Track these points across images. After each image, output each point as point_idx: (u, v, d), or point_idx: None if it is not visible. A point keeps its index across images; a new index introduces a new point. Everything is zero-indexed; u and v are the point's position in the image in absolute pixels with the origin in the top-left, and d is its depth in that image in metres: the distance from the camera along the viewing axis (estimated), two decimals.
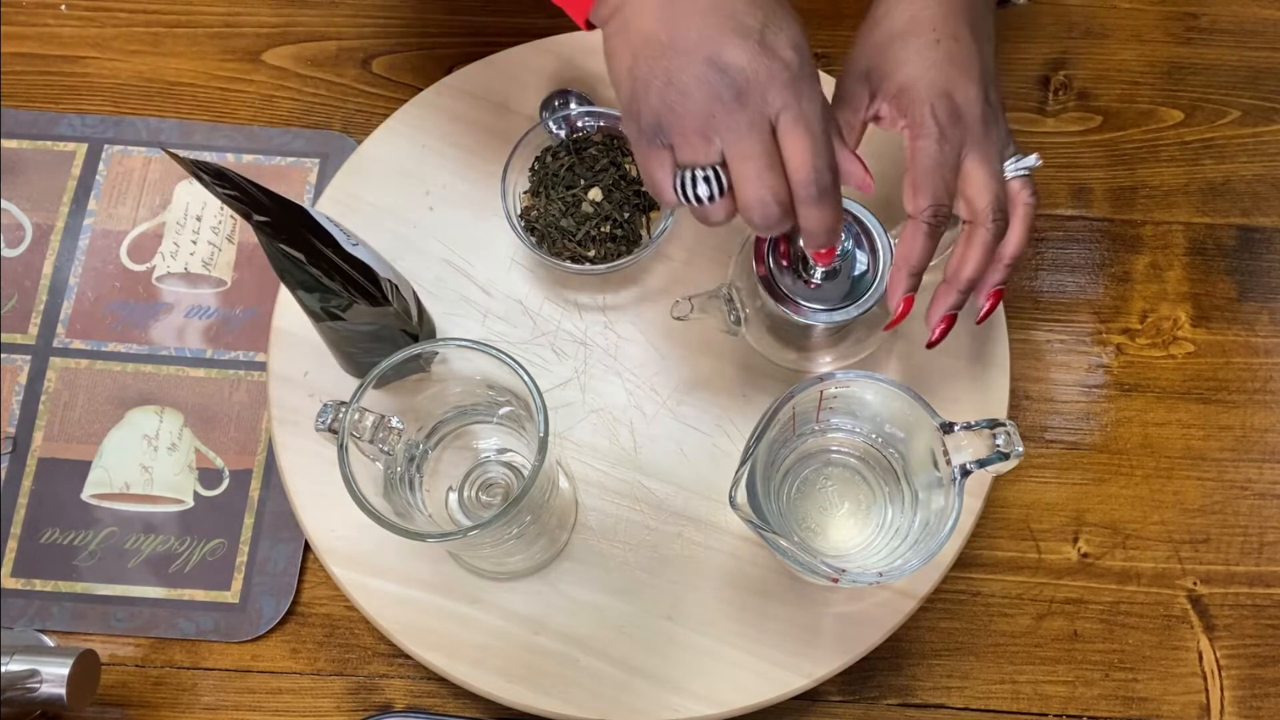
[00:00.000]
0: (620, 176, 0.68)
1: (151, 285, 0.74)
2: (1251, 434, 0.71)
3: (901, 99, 0.57)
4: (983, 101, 0.57)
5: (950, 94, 0.56)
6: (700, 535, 0.65)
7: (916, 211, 0.56)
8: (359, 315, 0.58)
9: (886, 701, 0.66)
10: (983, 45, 0.58)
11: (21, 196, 0.76)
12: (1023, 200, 0.58)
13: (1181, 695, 0.67)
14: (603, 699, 0.62)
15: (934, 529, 0.54)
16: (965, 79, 0.57)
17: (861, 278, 0.60)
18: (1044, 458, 0.71)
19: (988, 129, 0.57)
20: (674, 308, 0.61)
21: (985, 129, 0.57)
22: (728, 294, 0.61)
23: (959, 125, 0.56)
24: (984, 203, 0.57)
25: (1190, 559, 0.69)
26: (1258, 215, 0.76)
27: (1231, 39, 0.81)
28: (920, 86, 0.56)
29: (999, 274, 0.59)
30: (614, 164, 0.68)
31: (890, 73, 0.57)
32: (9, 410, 0.71)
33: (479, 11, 0.81)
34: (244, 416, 0.71)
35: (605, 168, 0.68)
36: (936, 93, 0.56)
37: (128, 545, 0.68)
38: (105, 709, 0.66)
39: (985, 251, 0.57)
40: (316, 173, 0.76)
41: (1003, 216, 0.57)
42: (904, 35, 0.57)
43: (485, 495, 0.63)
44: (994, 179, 0.57)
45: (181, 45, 0.80)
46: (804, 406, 0.58)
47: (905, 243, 0.57)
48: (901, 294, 0.57)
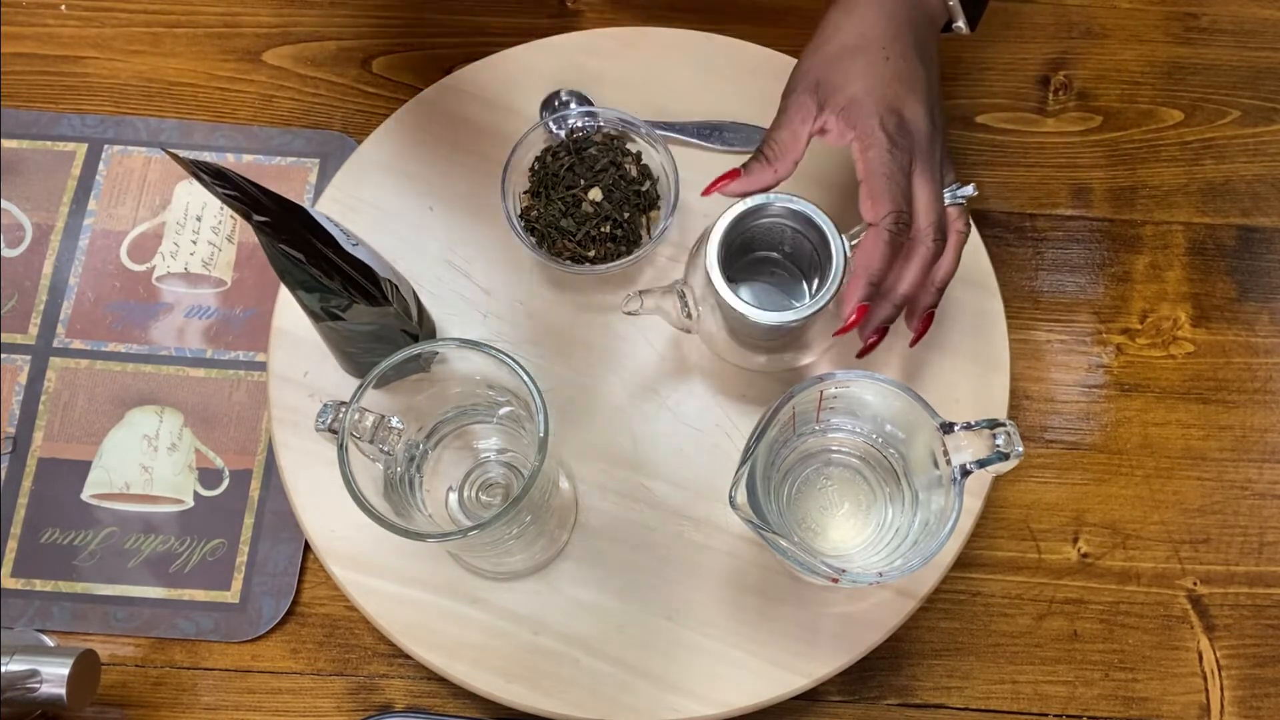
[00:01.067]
0: (620, 176, 0.68)
1: (151, 285, 0.74)
2: (1251, 434, 0.71)
3: (851, 111, 0.57)
4: (928, 120, 0.58)
5: (899, 109, 0.57)
6: (700, 535, 0.65)
7: (877, 219, 0.57)
8: (359, 315, 0.58)
9: (886, 701, 0.66)
10: (929, 68, 0.60)
11: (21, 196, 0.76)
12: (957, 228, 0.60)
13: (1181, 695, 0.67)
14: (603, 699, 0.62)
15: (934, 529, 0.54)
16: (912, 97, 0.58)
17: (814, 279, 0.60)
18: (1044, 458, 0.71)
19: (932, 147, 0.59)
20: (625, 302, 0.61)
21: (930, 147, 0.58)
22: (680, 291, 0.61)
23: (907, 139, 0.57)
24: (927, 221, 0.58)
25: (1190, 559, 0.69)
26: (1258, 215, 0.76)
27: (1231, 39, 0.81)
28: (870, 100, 0.57)
29: (930, 297, 0.60)
30: (614, 164, 0.68)
31: (840, 86, 0.58)
32: (9, 410, 0.71)
33: (479, 11, 0.81)
34: (244, 416, 0.71)
35: (605, 168, 0.68)
36: (885, 107, 0.57)
37: (128, 545, 0.68)
38: (105, 709, 0.66)
39: (923, 269, 0.58)
40: (316, 173, 0.76)
41: (943, 237, 0.58)
42: (854, 51, 0.58)
43: (485, 495, 0.63)
44: (937, 199, 0.58)
45: (181, 45, 0.80)
46: (804, 406, 0.58)
47: (865, 251, 0.57)
48: (857, 302, 0.58)
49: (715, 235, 0.59)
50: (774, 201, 0.59)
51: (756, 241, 0.65)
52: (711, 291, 0.59)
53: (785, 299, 0.67)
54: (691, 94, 0.73)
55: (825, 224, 0.59)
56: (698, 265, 0.60)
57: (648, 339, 0.69)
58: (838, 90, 0.58)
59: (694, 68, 0.74)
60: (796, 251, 0.65)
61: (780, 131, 0.59)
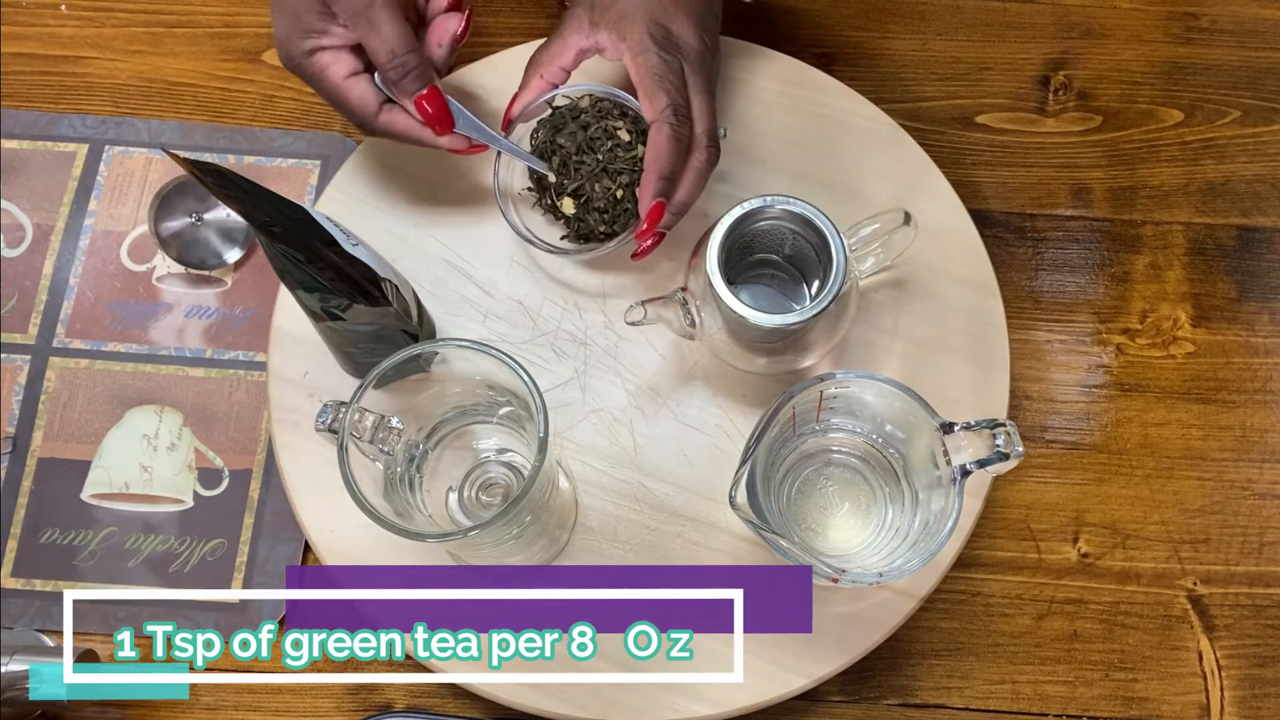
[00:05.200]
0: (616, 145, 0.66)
1: (151, 285, 0.74)
2: (1251, 434, 0.71)
3: (621, 25, 0.61)
4: (698, 38, 0.63)
5: (666, 25, 0.62)
6: (700, 535, 0.65)
7: (657, 114, 0.60)
8: (359, 315, 0.58)
9: (886, 701, 0.66)
10: None
11: (22, 197, 0.76)
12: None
13: (1181, 695, 0.67)
14: (603, 699, 0.62)
15: (934, 529, 0.54)
16: (680, 14, 0.63)
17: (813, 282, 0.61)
18: (1044, 458, 0.71)
19: (704, 62, 0.63)
20: (628, 313, 0.61)
21: (701, 63, 0.62)
22: (682, 298, 0.61)
23: (675, 50, 0.61)
24: (702, 128, 0.61)
25: (1190, 559, 0.69)
26: (1258, 215, 0.76)
27: (1231, 39, 0.81)
28: (639, 14, 0.62)
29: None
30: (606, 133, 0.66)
31: (612, 3, 0.62)
32: (9, 410, 0.71)
33: (479, 11, 0.81)
34: (244, 416, 0.71)
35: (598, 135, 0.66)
36: (652, 21, 0.61)
37: (127, 545, 0.68)
38: (105, 709, 0.66)
39: (700, 176, 0.62)
40: (317, 175, 0.76)
41: (716, 145, 0.62)
42: None
43: (485, 495, 0.63)
44: (711, 111, 0.62)
45: (181, 45, 0.80)
46: (804, 406, 0.58)
47: (652, 147, 0.60)
48: (651, 198, 0.60)
49: (715, 238, 0.59)
50: (774, 204, 0.59)
51: (757, 244, 0.65)
52: (712, 294, 0.59)
53: (786, 301, 0.67)
54: None
55: (825, 226, 0.59)
56: (698, 268, 0.60)
57: (649, 340, 0.69)
58: (609, 7, 0.62)
59: None
60: (796, 254, 0.65)
61: (552, 42, 0.64)
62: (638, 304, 0.61)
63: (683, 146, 0.60)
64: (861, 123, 0.73)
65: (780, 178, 0.71)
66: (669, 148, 0.60)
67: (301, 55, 0.61)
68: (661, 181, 0.60)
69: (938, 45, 0.80)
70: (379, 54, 0.60)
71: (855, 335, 0.67)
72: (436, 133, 0.62)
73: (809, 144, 0.72)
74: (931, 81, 0.79)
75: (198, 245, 0.73)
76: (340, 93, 0.62)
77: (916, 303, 0.69)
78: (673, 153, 0.60)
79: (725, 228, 0.59)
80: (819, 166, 0.72)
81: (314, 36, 0.60)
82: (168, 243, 0.73)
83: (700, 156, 0.61)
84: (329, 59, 0.61)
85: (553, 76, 0.64)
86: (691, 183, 0.61)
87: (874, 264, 0.63)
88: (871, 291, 0.69)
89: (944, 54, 0.80)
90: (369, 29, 0.59)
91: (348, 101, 0.62)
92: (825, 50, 0.80)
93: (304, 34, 0.60)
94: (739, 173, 0.71)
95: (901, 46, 0.80)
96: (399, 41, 0.59)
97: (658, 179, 0.60)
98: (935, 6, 0.81)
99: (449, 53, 0.63)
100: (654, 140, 0.60)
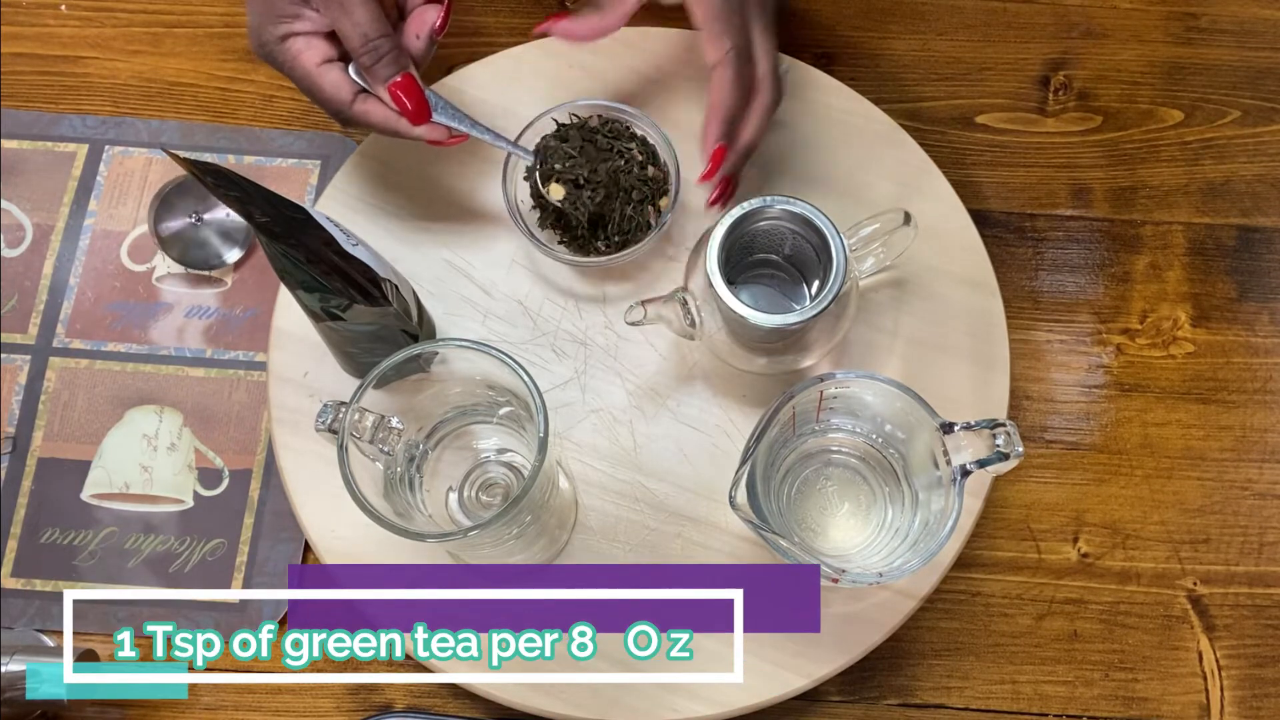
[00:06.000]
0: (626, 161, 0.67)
1: (151, 285, 0.74)
2: (1251, 434, 0.71)
3: None
4: None
5: None
6: (700, 535, 0.65)
7: (721, 55, 0.59)
8: (359, 315, 0.58)
9: (886, 701, 0.66)
10: None
11: (22, 197, 0.76)
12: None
13: (1181, 695, 0.67)
14: (603, 699, 0.62)
15: (934, 529, 0.54)
16: None
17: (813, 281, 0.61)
18: (1044, 458, 0.71)
19: (764, 8, 0.61)
20: (628, 313, 0.61)
21: (762, 7, 0.61)
22: (682, 298, 0.61)
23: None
24: (765, 68, 0.60)
25: (1190, 559, 0.69)
26: (1258, 215, 0.76)
27: (1231, 39, 0.81)
28: None
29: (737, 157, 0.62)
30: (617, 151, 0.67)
31: None
32: (9, 410, 0.71)
33: (479, 11, 0.81)
34: (244, 416, 0.71)
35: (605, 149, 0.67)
36: None
37: (127, 545, 0.68)
38: (105, 709, 0.66)
39: (763, 116, 0.61)
40: (317, 175, 0.76)
41: (779, 84, 0.61)
42: None
43: (485, 495, 0.63)
44: (773, 51, 0.61)
45: (181, 45, 0.80)
46: (804, 406, 0.58)
47: (715, 89, 0.59)
48: (715, 141, 0.60)
49: (715, 238, 0.59)
50: (774, 204, 0.59)
51: (757, 244, 0.65)
52: (712, 294, 0.59)
53: (786, 301, 0.67)
54: (692, 94, 0.73)
55: (825, 226, 0.59)
56: (698, 268, 0.60)
57: (649, 340, 0.69)
58: None
59: (695, 68, 0.74)
60: (797, 254, 0.65)
61: None
62: (638, 304, 0.61)
63: (745, 88, 0.59)
64: (861, 123, 0.73)
65: (780, 177, 0.71)
66: (733, 91, 0.59)
67: (274, 41, 0.59)
68: (724, 125, 0.59)
69: (938, 45, 0.80)
70: (351, 38, 0.58)
71: (855, 335, 0.67)
72: (412, 122, 0.60)
73: (809, 144, 0.72)
74: (931, 81, 0.79)
75: (198, 245, 0.73)
76: (313, 79, 0.60)
77: (916, 303, 0.69)
78: (736, 96, 0.59)
79: (725, 228, 0.59)
80: (819, 166, 0.71)
81: (286, 21, 0.59)
82: (168, 243, 0.73)
83: (764, 98, 0.60)
84: (301, 45, 0.59)
85: (612, 22, 0.62)
86: (756, 124, 0.61)
87: (874, 264, 0.63)
88: (871, 291, 0.69)
89: (944, 54, 0.80)
90: (341, 12, 0.57)
91: (321, 90, 0.60)
92: (825, 50, 0.80)
93: (276, 19, 0.59)
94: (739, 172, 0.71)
95: (901, 46, 0.80)
96: (372, 25, 0.57)
97: (721, 122, 0.59)
98: (935, 6, 0.81)
99: (427, 45, 0.61)
100: (718, 83, 0.59)
